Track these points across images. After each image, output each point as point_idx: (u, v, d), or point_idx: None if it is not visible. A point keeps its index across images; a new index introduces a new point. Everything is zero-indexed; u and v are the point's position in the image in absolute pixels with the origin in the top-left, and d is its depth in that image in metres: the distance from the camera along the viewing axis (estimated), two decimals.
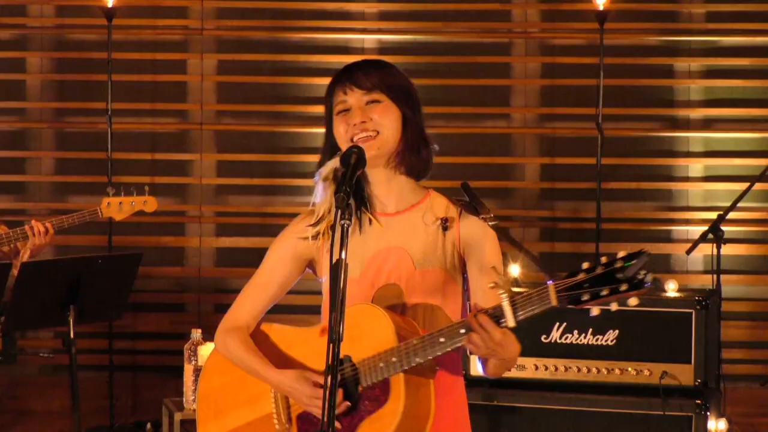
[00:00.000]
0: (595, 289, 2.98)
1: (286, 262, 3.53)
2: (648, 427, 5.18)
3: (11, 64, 8.95)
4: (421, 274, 3.37)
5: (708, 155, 8.79)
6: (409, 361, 3.18)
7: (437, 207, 3.43)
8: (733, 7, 8.70)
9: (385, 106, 3.33)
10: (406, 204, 3.40)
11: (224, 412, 3.62)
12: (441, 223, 3.40)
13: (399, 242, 3.36)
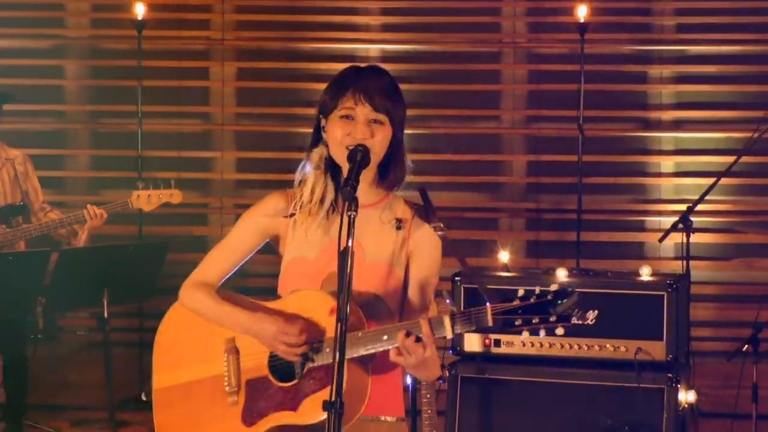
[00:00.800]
0: (527, 317, 3.00)
1: (254, 233, 3.54)
2: (624, 399, 5.17)
3: (51, 70, 8.96)
4: (369, 266, 3.37)
5: (678, 153, 8.79)
6: (352, 350, 3.18)
7: (395, 207, 3.44)
8: (701, 20, 8.70)
9: (385, 130, 3.32)
10: (368, 201, 3.37)
11: (179, 365, 3.57)
12: (396, 222, 3.40)
13: (361, 235, 3.28)
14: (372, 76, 3.36)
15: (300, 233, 3.43)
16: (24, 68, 8.80)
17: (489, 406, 5.32)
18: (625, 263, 8.32)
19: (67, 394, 8.34)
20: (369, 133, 3.27)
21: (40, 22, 8.91)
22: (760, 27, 8.66)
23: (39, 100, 8.79)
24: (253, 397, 3.39)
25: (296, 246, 3.43)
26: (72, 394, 8.35)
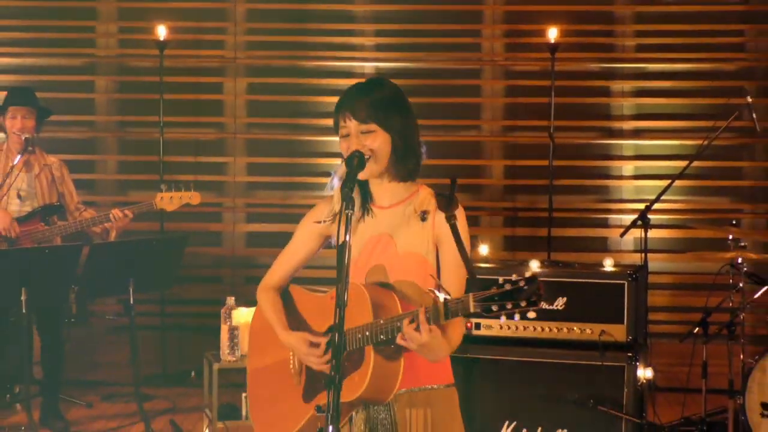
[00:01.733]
0: (502, 303, 3.01)
1: (308, 238, 3.62)
2: (589, 375, 5.17)
3: (82, 85, 8.95)
4: (402, 257, 3.39)
5: (637, 158, 8.80)
6: (376, 337, 3.24)
7: (423, 200, 3.43)
8: (658, 41, 8.71)
9: (376, 135, 3.34)
10: (398, 199, 3.41)
11: (262, 349, 3.71)
12: (420, 215, 3.39)
13: (388, 230, 3.39)
14: (358, 94, 3.40)
15: None
16: (59, 83, 8.79)
17: (471, 382, 5.32)
18: (590, 256, 8.32)
19: (98, 372, 8.33)
20: (361, 144, 3.31)
21: (73, 42, 8.89)
22: (710, 47, 8.67)
23: (72, 112, 8.77)
24: (310, 377, 3.48)
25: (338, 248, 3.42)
26: (102, 371, 8.34)
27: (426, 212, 3.39)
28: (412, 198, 3.43)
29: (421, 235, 3.39)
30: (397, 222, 3.39)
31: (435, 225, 3.38)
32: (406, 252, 3.38)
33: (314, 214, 3.57)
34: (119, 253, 7.06)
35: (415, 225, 3.40)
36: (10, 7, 8.88)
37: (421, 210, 3.40)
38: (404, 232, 3.40)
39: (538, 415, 5.21)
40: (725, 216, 8.22)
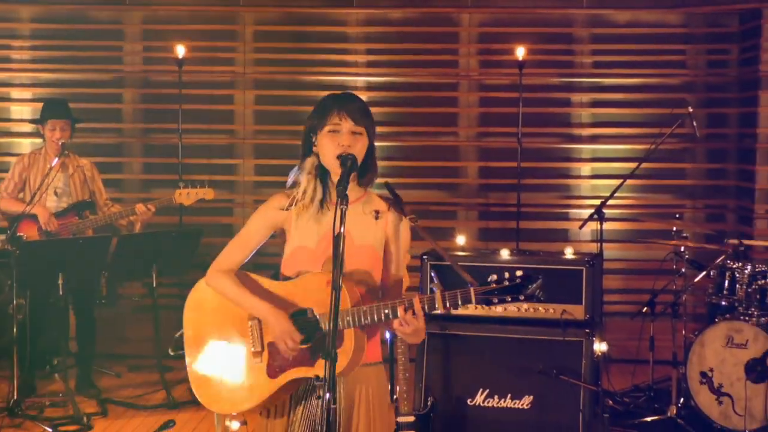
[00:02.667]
0: (502, 296, 3.17)
1: (263, 227, 3.54)
2: (552, 349, 5.18)
3: (111, 97, 8.94)
4: (358, 249, 3.40)
5: (594, 161, 8.81)
6: (359, 321, 3.26)
7: (373, 202, 3.48)
8: (612, 59, 8.71)
9: (363, 140, 3.37)
10: (351, 198, 3.30)
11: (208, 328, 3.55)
12: (374, 213, 3.44)
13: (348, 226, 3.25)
14: (349, 100, 3.41)
15: (300, 226, 3.44)
16: (91, 95, 8.77)
17: (449, 354, 5.32)
18: (553, 245, 8.33)
19: (125, 346, 8.33)
20: (353, 141, 3.32)
21: (103, 60, 8.88)
22: (656, 64, 8.68)
23: (102, 120, 8.77)
24: (274, 356, 3.40)
25: (298, 237, 3.44)
26: (128, 345, 8.34)
27: (379, 212, 3.44)
28: (363, 198, 3.47)
29: (374, 231, 3.44)
30: (352, 218, 3.31)
31: (387, 223, 3.45)
32: (361, 244, 3.41)
33: (276, 202, 3.51)
34: (144, 243, 7.07)
35: (369, 222, 3.44)
36: (48, 29, 8.87)
37: (373, 209, 3.45)
38: (359, 227, 3.41)
39: (507, 384, 5.22)
40: (670, 211, 8.23)
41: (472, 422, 5.26)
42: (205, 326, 3.54)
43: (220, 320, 3.51)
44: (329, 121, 3.35)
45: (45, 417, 6.56)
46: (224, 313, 3.50)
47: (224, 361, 3.48)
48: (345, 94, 3.45)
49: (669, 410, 6.53)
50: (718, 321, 6.49)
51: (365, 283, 3.38)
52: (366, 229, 3.42)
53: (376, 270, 3.42)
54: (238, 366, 3.45)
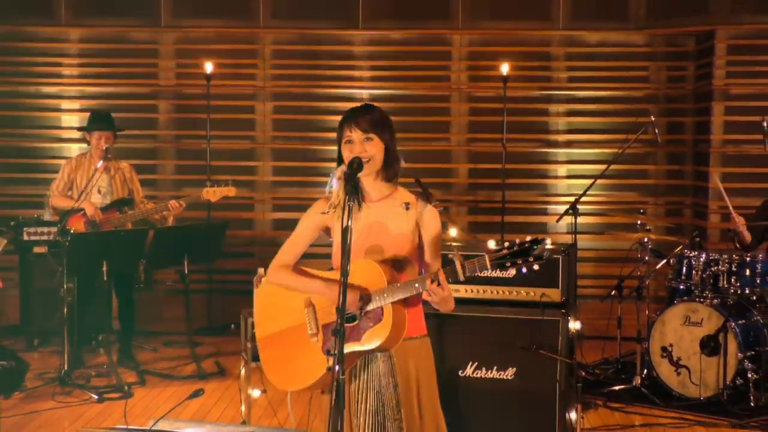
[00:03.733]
0: (513, 260, 3.22)
1: (311, 228, 3.60)
2: (532, 327, 5.17)
3: (148, 107, 8.94)
4: (394, 237, 3.43)
5: (569, 163, 8.81)
6: (394, 296, 3.30)
7: (402, 196, 3.50)
8: (584, 74, 8.73)
9: (374, 143, 3.41)
10: (383, 195, 3.46)
11: (274, 318, 3.59)
12: (405, 205, 3.46)
13: (379, 219, 3.41)
14: (360, 111, 3.45)
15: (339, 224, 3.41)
16: (130, 106, 8.77)
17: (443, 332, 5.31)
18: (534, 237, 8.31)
19: (160, 324, 8.33)
20: (364, 149, 3.37)
21: (141, 75, 8.88)
22: (623, 79, 8.69)
23: (140, 128, 8.77)
24: (328, 335, 3.41)
25: (338, 233, 3.42)
26: (163, 324, 8.34)
27: (408, 204, 3.46)
28: (394, 194, 3.49)
29: (407, 221, 3.45)
30: (386, 212, 3.44)
31: (417, 213, 3.46)
32: (397, 233, 3.43)
33: (318, 207, 3.56)
34: (176, 235, 7.07)
35: (401, 213, 3.45)
36: (93, 48, 8.87)
37: (403, 202, 3.47)
38: (393, 219, 3.44)
39: (493, 358, 5.21)
40: (635, 206, 8.23)
41: (463, 390, 5.25)
42: (268, 315, 3.61)
43: (281, 309, 3.56)
44: (344, 134, 3.42)
45: (91, 386, 6.58)
46: (284, 305, 3.55)
47: (288, 345, 3.52)
48: (358, 108, 3.51)
49: (634, 380, 6.53)
50: (676, 302, 6.49)
51: (404, 266, 3.41)
52: (399, 219, 3.45)
53: (413, 254, 3.44)
54: (299, 348, 3.48)
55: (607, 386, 6.58)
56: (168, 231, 7.05)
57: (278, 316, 3.56)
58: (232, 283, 8.58)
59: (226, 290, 8.59)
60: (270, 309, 3.61)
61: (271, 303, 3.61)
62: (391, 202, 3.47)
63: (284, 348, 3.53)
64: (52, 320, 7.72)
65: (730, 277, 6.47)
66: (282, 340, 3.54)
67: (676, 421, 6.02)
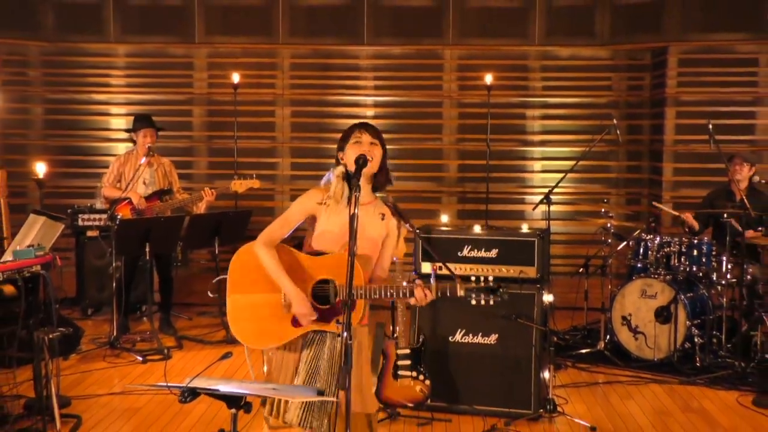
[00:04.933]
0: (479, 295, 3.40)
1: (301, 212, 3.50)
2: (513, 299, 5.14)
3: (184, 112, 8.90)
4: (367, 239, 3.44)
5: (543, 159, 8.77)
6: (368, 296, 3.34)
7: (379, 207, 3.52)
8: (556, 83, 8.69)
9: (378, 148, 3.45)
10: (366, 201, 3.45)
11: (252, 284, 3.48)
12: (381, 216, 3.49)
13: (362, 220, 3.35)
14: (366, 123, 3.50)
15: (328, 215, 3.45)
16: (169, 111, 8.73)
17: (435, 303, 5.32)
18: (513, 222, 8.32)
19: (194, 297, 8.32)
20: (369, 150, 3.39)
21: (178, 84, 8.85)
22: (590, 87, 8.66)
23: (177, 129, 8.73)
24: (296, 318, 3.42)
25: (326, 223, 3.45)
26: (197, 296, 8.33)
27: (384, 215, 3.49)
28: (375, 203, 3.51)
29: (379, 228, 3.47)
30: (366, 216, 3.42)
31: (388, 225, 3.49)
32: (369, 236, 3.43)
33: (313, 196, 3.47)
34: (208, 221, 7.06)
35: (376, 220, 3.47)
36: (137, 62, 8.84)
37: (380, 212, 3.48)
38: (370, 223, 3.45)
39: (479, 326, 5.22)
40: (599, 197, 8.22)
41: (452, 354, 5.25)
42: (247, 279, 3.48)
43: (261, 277, 3.46)
44: (353, 135, 3.42)
45: (136, 349, 6.58)
46: (257, 276, 3.46)
47: (259, 308, 3.45)
48: (366, 122, 3.55)
49: (598, 345, 6.54)
50: (634, 278, 6.49)
51: (366, 264, 3.42)
52: (373, 225, 3.45)
53: (375, 256, 3.46)
54: (270, 314, 3.43)
55: (576, 350, 6.58)
56: (201, 217, 7.05)
57: (257, 283, 3.45)
58: None
59: None
60: (251, 274, 3.46)
61: (250, 267, 3.46)
62: (372, 209, 3.47)
63: (256, 311, 3.45)
64: (102, 293, 7.73)
65: (680, 257, 6.47)
66: (256, 304, 3.45)
67: (634, 379, 6.02)
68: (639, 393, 5.72)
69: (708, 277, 6.47)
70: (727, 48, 8.27)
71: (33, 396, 4.95)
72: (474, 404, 5.19)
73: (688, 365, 6.15)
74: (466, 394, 5.21)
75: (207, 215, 7.12)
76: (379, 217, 3.47)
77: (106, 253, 7.32)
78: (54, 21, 8.79)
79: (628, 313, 6.43)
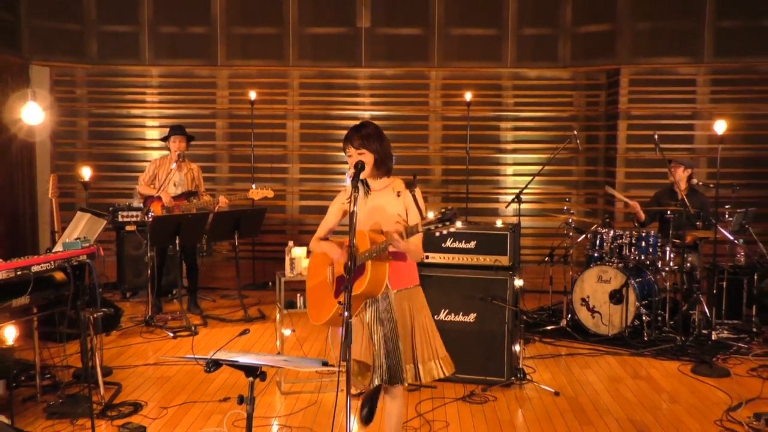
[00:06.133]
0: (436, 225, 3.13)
1: (336, 212, 3.63)
2: (488, 284, 5.17)
3: (208, 124, 8.86)
4: (389, 216, 3.45)
5: (515, 165, 8.75)
6: (371, 255, 3.33)
7: (396, 185, 3.51)
8: (526, 99, 8.67)
9: (368, 155, 3.43)
10: (383, 186, 3.49)
11: (315, 276, 3.68)
12: (397, 194, 3.48)
13: (380, 203, 3.42)
14: (353, 131, 3.46)
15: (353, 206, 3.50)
16: (195, 123, 8.69)
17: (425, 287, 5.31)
18: (489, 218, 8.32)
19: (217, 282, 8.32)
20: (360, 158, 3.40)
21: (203, 100, 8.81)
22: (554, 104, 8.65)
23: (203, 139, 8.69)
24: (338, 285, 3.50)
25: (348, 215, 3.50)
26: (219, 281, 8.33)
27: (399, 192, 3.49)
28: (391, 185, 3.51)
29: (397, 205, 3.47)
30: (384, 198, 3.46)
31: (404, 199, 3.48)
32: (391, 213, 3.44)
33: (341, 197, 3.62)
34: (229, 217, 7.04)
35: (394, 199, 3.48)
36: (168, 81, 8.81)
37: (396, 191, 3.49)
38: (389, 204, 3.47)
39: (460, 306, 5.22)
40: (562, 196, 8.23)
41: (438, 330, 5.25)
42: (313, 268, 3.70)
43: (319, 265, 3.65)
44: (345, 152, 3.47)
45: (168, 326, 6.57)
46: (320, 263, 3.65)
47: (319, 293, 3.61)
48: (354, 127, 3.50)
49: (561, 322, 6.54)
50: (592, 266, 6.50)
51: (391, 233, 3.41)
52: (393, 204, 3.48)
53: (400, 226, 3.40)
54: (325, 295, 3.57)
55: (542, 327, 6.59)
56: (223, 214, 7.03)
57: (317, 274, 3.66)
58: (270, 252, 8.54)
59: (266, 257, 8.56)
60: (313, 269, 3.69)
61: (314, 265, 3.69)
62: (389, 191, 3.49)
63: (317, 294, 3.62)
64: (139, 279, 7.71)
65: (630, 247, 6.48)
66: (317, 288, 3.63)
67: (591, 351, 6.03)
68: (596, 363, 5.73)
69: (654, 265, 6.48)
70: (669, 70, 8.28)
71: (80, 366, 4.95)
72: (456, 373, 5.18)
73: (637, 339, 6.16)
74: None
75: (228, 212, 7.10)
76: (395, 195, 3.50)
77: (142, 245, 7.31)
78: (97, 47, 8.76)
79: (586, 296, 6.44)
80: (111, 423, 4.41)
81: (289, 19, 8.75)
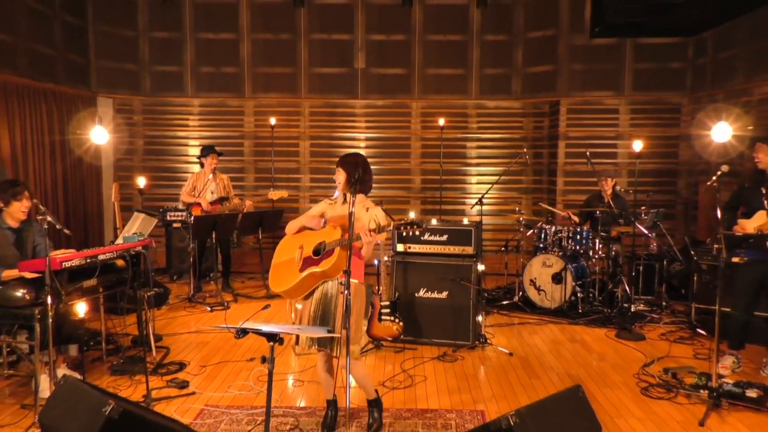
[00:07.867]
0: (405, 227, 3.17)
1: (318, 212, 3.58)
2: (458, 268, 5.18)
3: (237, 143, 8.81)
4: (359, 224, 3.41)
5: (478, 175, 8.74)
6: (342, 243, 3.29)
7: (367, 203, 3.51)
8: (487, 124, 8.67)
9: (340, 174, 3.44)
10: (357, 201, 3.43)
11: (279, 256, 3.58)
12: (366, 209, 3.47)
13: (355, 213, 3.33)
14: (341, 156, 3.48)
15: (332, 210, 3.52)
16: (227, 143, 8.66)
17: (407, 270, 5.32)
18: (457, 217, 8.31)
19: (245, 267, 8.29)
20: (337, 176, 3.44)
21: (233, 125, 8.77)
22: (508, 127, 8.65)
23: (233, 155, 8.66)
24: (304, 263, 3.44)
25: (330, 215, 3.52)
26: (247, 267, 8.31)
27: (368, 208, 3.48)
28: (364, 202, 3.51)
29: (366, 216, 3.45)
30: (357, 209, 3.42)
31: (371, 212, 3.48)
32: (361, 224, 3.42)
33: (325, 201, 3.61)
34: (255, 216, 7.02)
35: (364, 212, 3.47)
36: (206, 109, 8.76)
37: (366, 207, 3.48)
38: (359, 213, 3.45)
39: (435, 286, 5.23)
40: (515, 200, 8.24)
41: (417, 305, 5.27)
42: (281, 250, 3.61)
43: (288, 247, 3.58)
44: None
45: (206, 302, 6.54)
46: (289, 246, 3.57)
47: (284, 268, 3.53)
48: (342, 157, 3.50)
49: (514, 298, 6.55)
50: (538, 254, 6.52)
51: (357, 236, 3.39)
52: (362, 215, 3.46)
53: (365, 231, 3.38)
54: (289, 269, 3.50)
55: (499, 302, 6.61)
56: (250, 214, 7.01)
57: (284, 254, 3.59)
58: None
59: None
60: (281, 250, 3.61)
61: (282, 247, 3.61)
62: (361, 206, 3.48)
63: (282, 269, 3.54)
64: (183, 265, 7.68)
65: (568, 240, 6.50)
66: (282, 265, 3.55)
67: (538, 321, 6.05)
68: (541, 330, 5.75)
69: (587, 253, 6.52)
70: (598, 101, 8.32)
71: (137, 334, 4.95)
72: (432, 338, 5.21)
73: (573, 311, 6.19)
74: (426, 331, 5.23)
75: (254, 213, 7.08)
76: (365, 210, 3.48)
77: (185, 238, 7.28)
78: (150, 83, 8.72)
79: (534, 277, 6.46)
80: (161, 378, 4.41)
81: (302, 62, 8.73)
